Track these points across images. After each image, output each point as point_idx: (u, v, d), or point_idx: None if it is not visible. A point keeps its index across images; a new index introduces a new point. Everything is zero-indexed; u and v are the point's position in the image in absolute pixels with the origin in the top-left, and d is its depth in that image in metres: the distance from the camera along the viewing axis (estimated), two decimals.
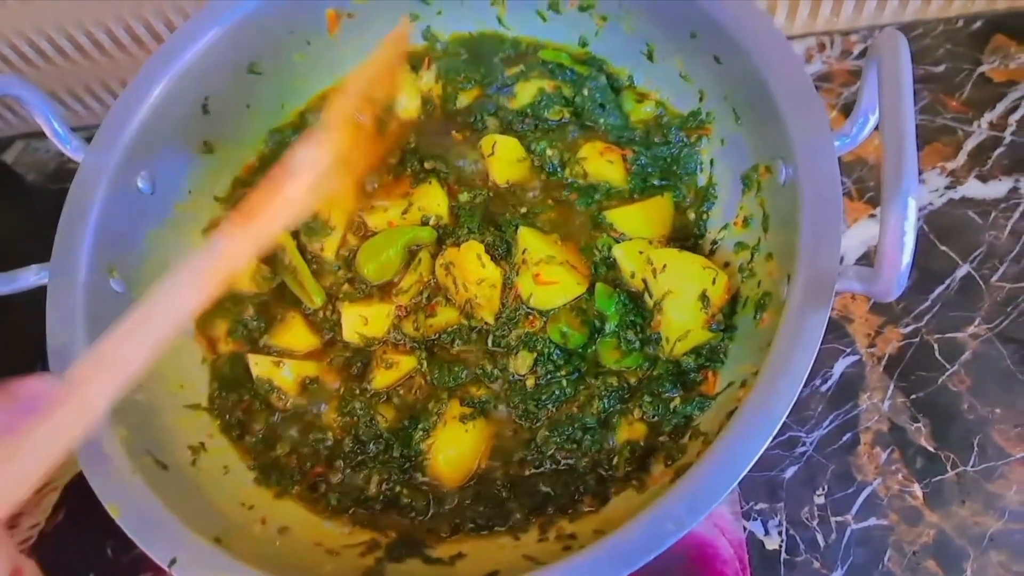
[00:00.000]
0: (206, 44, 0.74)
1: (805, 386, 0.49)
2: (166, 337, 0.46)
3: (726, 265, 0.67)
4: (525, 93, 0.79)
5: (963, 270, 0.76)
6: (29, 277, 0.66)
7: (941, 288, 0.75)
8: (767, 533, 0.67)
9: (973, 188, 0.80)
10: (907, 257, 0.42)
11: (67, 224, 0.67)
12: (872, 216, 0.80)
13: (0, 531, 0.36)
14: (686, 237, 0.71)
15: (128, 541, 0.55)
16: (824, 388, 0.73)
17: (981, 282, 0.75)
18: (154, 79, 0.72)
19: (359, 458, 0.67)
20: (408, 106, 0.82)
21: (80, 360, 0.43)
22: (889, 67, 0.47)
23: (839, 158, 0.54)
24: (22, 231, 0.89)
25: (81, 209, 0.68)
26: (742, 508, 0.68)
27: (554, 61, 0.79)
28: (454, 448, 0.65)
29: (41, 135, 0.70)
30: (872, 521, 0.66)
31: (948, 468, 0.68)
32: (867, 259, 0.78)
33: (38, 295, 0.65)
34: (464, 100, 0.82)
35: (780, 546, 0.67)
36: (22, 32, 0.96)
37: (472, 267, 0.69)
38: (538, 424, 0.65)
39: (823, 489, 0.68)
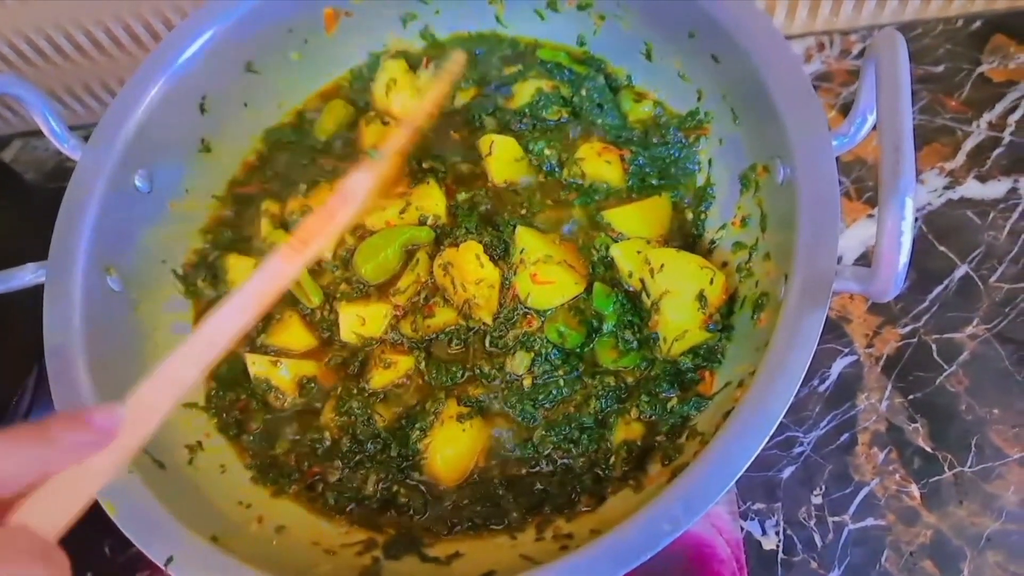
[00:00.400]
0: (204, 43, 0.74)
1: (803, 386, 0.49)
2: (219, 357, 0.48)
3: (724, 265, 0.67)
4: (523, 93, 0.79)
5: (961, 270, 0.76)
6: (26, 275, 0.66)
7: (939, 288, 0.75)
8: (764, 533, 0.67)
9: (972, 188, 0.80)
10: (904, 257, 0.42)
11: (64, 222, 0.67)
12: (870, 216, 0.80)
13: (58, 551, 0.38)
14: (684, 237, 0.71)
15: (125, 539, 0.55)
16: (822, 388, 0.73)
17: (979, 282, 0.75)
18: (152, 78, 0.72)
19: (357, 457, 0.67)
20: (407, 106, 0.82)
21: (141, 386, 0.44)
22: (887, 67, 0.46)
23: (837, 158, 0.54)
24: (20, 230, 0.88)
25: (79, 207, 0.68)
26: (739, 508, 0.68)
27: (552, 61, 0.79)
28: (451, 447, 0.65)
29: (40, 134, 0.70)
30: (869, 521, 0.66)
31: (946, 468, 0.68)
32: (865, 259, 0.78)
33: (36, 293, 0.65)
34: (462, 100, 0.82)
35: (777, 546, 0.67)
36: (21, 31, 0.96)
37: (471, 267, 0.69)
38: (535, 424, 0.65)
39: (820, 489, 0.68)
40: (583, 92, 0.77)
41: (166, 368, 0.46)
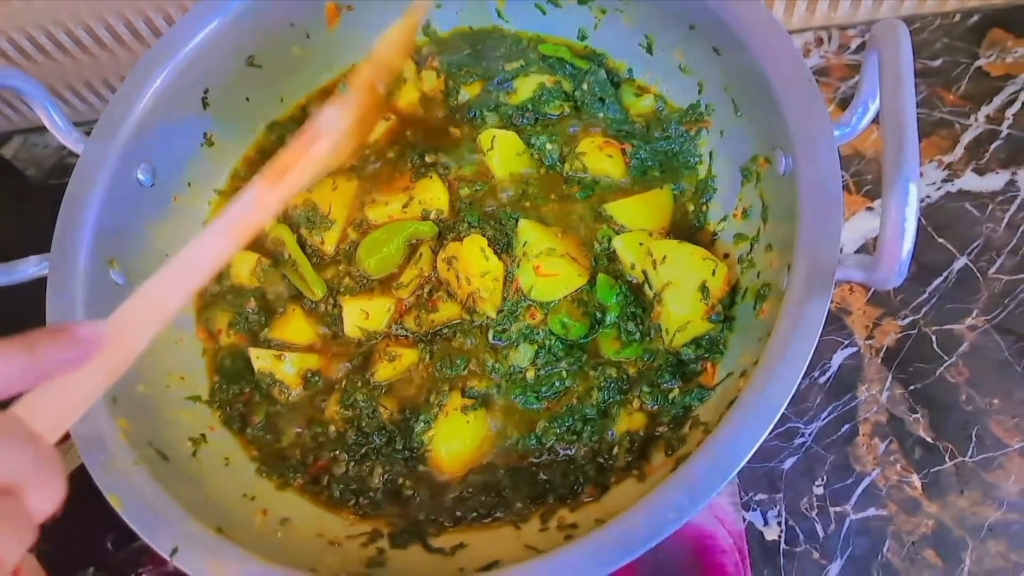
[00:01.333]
0: (205, 36, 0.74)
1: (803, 377, 0.49)
2: (201, 284, 0.49)
3: (726, 256, 0.67)
4: (525, 88, 0.79)
5: (960, 262, 0.76)
6: (29, 268, 0.66)
7: (939, 280, 0.76)
8: (766, 524, 0.68)
9: (970, 181, 0.80)
10: (909, 243, 0.42)
11: (67, 215, 0.67)
12: (870, 209, 0.81)
13: (45, 442, 0.38)
14: (686, 229, 0.71)
15: (128, 534, 0.55)
16: (822, 380, 0.73)
17: (978, 274, 0.75)
18: (154, 71, 0.72)
19: (362, 450, 0.67)
20: (410, 100, 0.82)
21: (123, 305, 0.44)
22: (890, 55, 0.47)
23: (837, 149, 0.55)
24: (21, 226, 0.88)
25: (81, 201, 0.68)
26: (741, 499, 0.68)
27: (554, 56, 0.79)
28: (455, 439, 0.65)
29: (40, 130, 0.71)
30: (871, 511, 0.67)
31: (946, 459, 0.68)
32: (865, 252, 0.79)
33: (38, 287, 0.65)
34: (466, 95, 0.82)
35: (779, 536, 0.67)
36: (21, 27, 0.96)
37: (475, 260, 0.69)
38: (538, 415, 0.65)
39: (822, 480, 0.69)
40: (585, 87, 0.77)
41: (145, 291, 0.46)
